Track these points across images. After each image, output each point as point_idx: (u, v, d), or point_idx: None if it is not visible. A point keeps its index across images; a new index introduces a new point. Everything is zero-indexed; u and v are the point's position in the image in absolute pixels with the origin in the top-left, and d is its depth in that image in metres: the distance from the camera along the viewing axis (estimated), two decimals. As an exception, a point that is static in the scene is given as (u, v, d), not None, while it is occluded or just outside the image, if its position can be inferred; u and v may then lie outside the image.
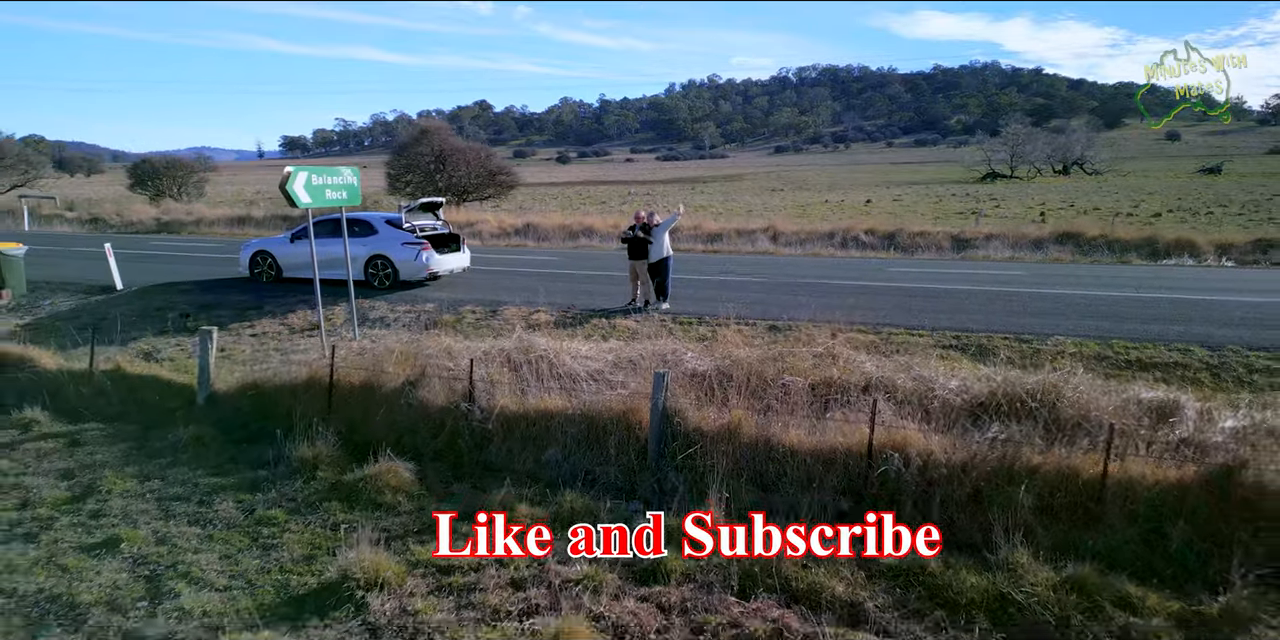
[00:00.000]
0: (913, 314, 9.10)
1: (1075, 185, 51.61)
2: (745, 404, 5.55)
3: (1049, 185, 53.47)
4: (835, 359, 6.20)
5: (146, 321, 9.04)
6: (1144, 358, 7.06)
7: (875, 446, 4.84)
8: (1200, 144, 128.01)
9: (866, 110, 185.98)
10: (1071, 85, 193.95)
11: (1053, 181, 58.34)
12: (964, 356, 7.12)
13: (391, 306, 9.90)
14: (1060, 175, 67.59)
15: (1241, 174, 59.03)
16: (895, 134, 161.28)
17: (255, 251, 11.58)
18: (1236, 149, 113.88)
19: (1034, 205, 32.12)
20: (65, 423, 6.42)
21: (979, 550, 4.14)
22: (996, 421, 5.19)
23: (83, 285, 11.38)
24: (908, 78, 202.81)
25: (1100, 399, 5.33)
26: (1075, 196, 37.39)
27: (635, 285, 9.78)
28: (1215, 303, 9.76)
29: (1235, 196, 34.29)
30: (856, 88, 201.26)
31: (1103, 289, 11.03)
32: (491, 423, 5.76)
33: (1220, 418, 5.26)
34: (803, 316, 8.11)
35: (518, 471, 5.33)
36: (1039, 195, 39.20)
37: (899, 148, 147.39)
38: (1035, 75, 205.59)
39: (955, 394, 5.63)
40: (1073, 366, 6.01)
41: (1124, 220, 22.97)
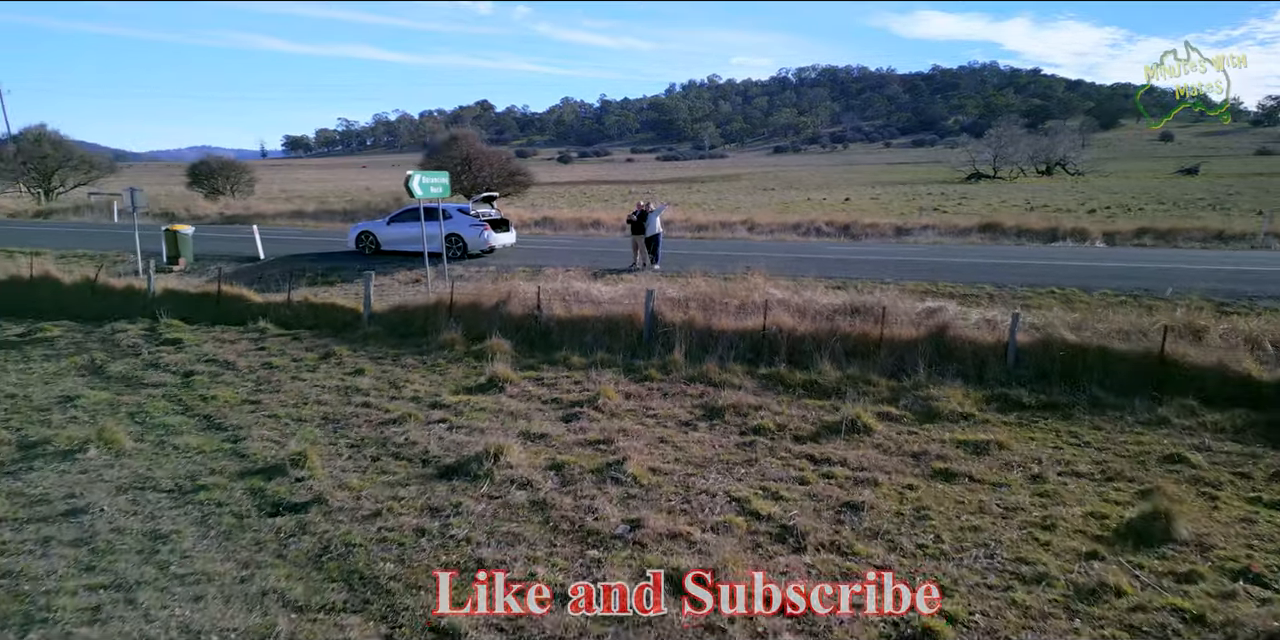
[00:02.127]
0: (825, 271, 13.31)
1: (1052, 185, 55.67)
2: (698, 311, 9.76)
3: (1027, 185, 57.48)
4: (755, 289, 10.40)
5: (295, 278, 13.20)
6: (955, 291, 11.27)
7: (767, 326, 9.04)
8: (1194, 145, 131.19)
9: (865, 111, 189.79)
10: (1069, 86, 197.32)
11: (1033, 181, 62.41)
12: (843, 290, 11.32)
13: (465, 268, 14.15)
14: (1044, 175, 71.65)
15: (1217, 174, 62.96)
16: (893, 134, 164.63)
17: (360, 231, 15.91)
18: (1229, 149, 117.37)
19: (995, 203, 36.29)
20: (284, 329, 10.61)
21: (808, 369, 8.31)
22: (843, 318, 9.39)
23: (234, 256, 15.59)
24: (906, 78, 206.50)
25: (900, 306, 9.54)
26: (1038, 195, 41.55)
27: (636, 253, 14.03)
28: (1035, 265, 13.99)
29: (1193, 195, 38.44)
30: (855, 88, 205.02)
31: (973, 258, 15.23)
32: (551, 323, 9.95)
33: (968, 315, 9.46)
34: (750, 271, 12.30)
35: (569, 346, 9.50)
36: (1009, 194, 43.37)
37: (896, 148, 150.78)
38: (1033, 76, 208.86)
39: (823, 305, 9.83)
40: (900, 293, 10.21)
41: (1059, 215, 27.07)
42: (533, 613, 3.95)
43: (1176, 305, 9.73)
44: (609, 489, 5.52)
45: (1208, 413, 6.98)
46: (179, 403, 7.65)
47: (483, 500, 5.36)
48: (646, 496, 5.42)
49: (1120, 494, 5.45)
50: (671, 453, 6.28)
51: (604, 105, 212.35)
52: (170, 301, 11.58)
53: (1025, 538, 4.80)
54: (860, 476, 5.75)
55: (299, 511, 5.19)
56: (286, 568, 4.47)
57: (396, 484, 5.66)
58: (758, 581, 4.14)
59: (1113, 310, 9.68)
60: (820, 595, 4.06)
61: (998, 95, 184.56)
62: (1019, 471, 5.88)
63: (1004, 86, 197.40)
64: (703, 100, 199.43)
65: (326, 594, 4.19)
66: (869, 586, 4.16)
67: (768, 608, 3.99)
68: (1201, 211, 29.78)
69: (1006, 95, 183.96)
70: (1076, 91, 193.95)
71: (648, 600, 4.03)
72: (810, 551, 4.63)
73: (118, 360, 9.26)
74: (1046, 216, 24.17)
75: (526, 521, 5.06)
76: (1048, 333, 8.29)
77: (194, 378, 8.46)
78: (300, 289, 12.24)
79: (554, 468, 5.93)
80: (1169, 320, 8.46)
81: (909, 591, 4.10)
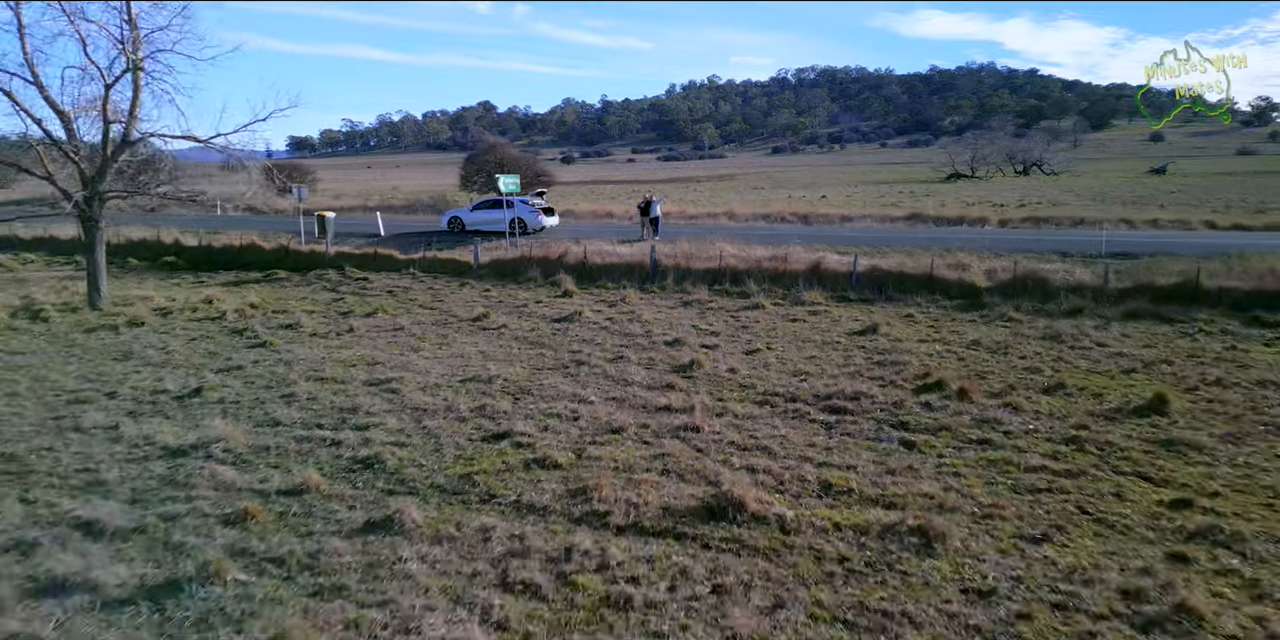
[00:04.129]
0: (768, 240, 20.17)
1: (1023, 184, 62.47)
2: (681, 259, 16.70)
3: (999, 184, 64.25)
4: (718, 248, 17.35)
5: (411, 247, 20.06)
6: (841, 249, 18.17)
7: (722, 267, 15.96)
8: (1184, 145, 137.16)
9: (863, 111, 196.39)
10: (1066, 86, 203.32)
11: (1008, 181, 69.19)
12: (772, 248, 18.19)
13: (526, 240, 21.08)
14: (1021, 175, 78.56)
15: (1183, 174, 69.75)
16: (889, 135, 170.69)
17: (451, 216, 22.89)
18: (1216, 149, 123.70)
19: (949, 200, 43.15)
20: (425, 273, 17.48)
21: (741, 286, 15.22)
22: (766, 262, 16.30)
23: (360, 234, 22.46)
24: (904, 79, 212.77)
25: (801, 255, 16.47)
26: (997, 193, 48.37)
27: (644, 229, 20.94)
28: (911, 237, 20.81)
29: (1141, 192, 45.25)
30: (854, 89, 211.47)
31: (878, 234, 22.05)
32: (592, 267, 16.88)
33: (840, 259, 16.37)
34: (718, 239, 19.17)
35: (604, 279, 16.38)
36: (970, 192, 50.24)
37: (892, 149, 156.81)
38: (1030, 76, 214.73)
39: (757, 256, 16.75)
40: (805, 250, 17.12)
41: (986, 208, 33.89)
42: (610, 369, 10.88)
43: (959, 253, 16.59)
44: (634, 326, 12.41)
45: (947, 300, 13.85)
46: (399, 300, 14.55)
47: (580, 328, 12.27)
48: (651, 326, 12.31)
49: (862, 324, 12.33)
50: (663, 316, 13.18)
51: (605, 106, 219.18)
52: (343, 259, 18.51)
53: (815, 334, 11.69)
54: (752, 320, 12.66)
55: (496, 329, 12.10)
56: (513, 357, 11.38)
57: (536, 326, 12.55)
58: (696, 345, 11.07)
59: (925, 256, 16.52)
60: (724, 344, 10.96)
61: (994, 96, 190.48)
62: (828, 320, 12.77)
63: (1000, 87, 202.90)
64: (703, 101, 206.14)
65: (565, 359, 11.11)
66: (747, 341, 11.06)
67: (705, 350, 10.89)
68: (1118, 206, 36.63)
69: (1002, 96, 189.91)
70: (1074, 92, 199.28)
71: (651, 346, 10.93)
72: (724, 337, 11.52)
73: (339, 288, 16.18)
74: (965, 208, 31.05)
75: (600, 332, 11.96)
76: (875, 265, 15.21)
77: (394, 294, 15.38)
78: (426, 251, 19.15)
79: (608, 319, 12.83)
80: (950, 261, 15.35)
81: (763, 346, 11.01)
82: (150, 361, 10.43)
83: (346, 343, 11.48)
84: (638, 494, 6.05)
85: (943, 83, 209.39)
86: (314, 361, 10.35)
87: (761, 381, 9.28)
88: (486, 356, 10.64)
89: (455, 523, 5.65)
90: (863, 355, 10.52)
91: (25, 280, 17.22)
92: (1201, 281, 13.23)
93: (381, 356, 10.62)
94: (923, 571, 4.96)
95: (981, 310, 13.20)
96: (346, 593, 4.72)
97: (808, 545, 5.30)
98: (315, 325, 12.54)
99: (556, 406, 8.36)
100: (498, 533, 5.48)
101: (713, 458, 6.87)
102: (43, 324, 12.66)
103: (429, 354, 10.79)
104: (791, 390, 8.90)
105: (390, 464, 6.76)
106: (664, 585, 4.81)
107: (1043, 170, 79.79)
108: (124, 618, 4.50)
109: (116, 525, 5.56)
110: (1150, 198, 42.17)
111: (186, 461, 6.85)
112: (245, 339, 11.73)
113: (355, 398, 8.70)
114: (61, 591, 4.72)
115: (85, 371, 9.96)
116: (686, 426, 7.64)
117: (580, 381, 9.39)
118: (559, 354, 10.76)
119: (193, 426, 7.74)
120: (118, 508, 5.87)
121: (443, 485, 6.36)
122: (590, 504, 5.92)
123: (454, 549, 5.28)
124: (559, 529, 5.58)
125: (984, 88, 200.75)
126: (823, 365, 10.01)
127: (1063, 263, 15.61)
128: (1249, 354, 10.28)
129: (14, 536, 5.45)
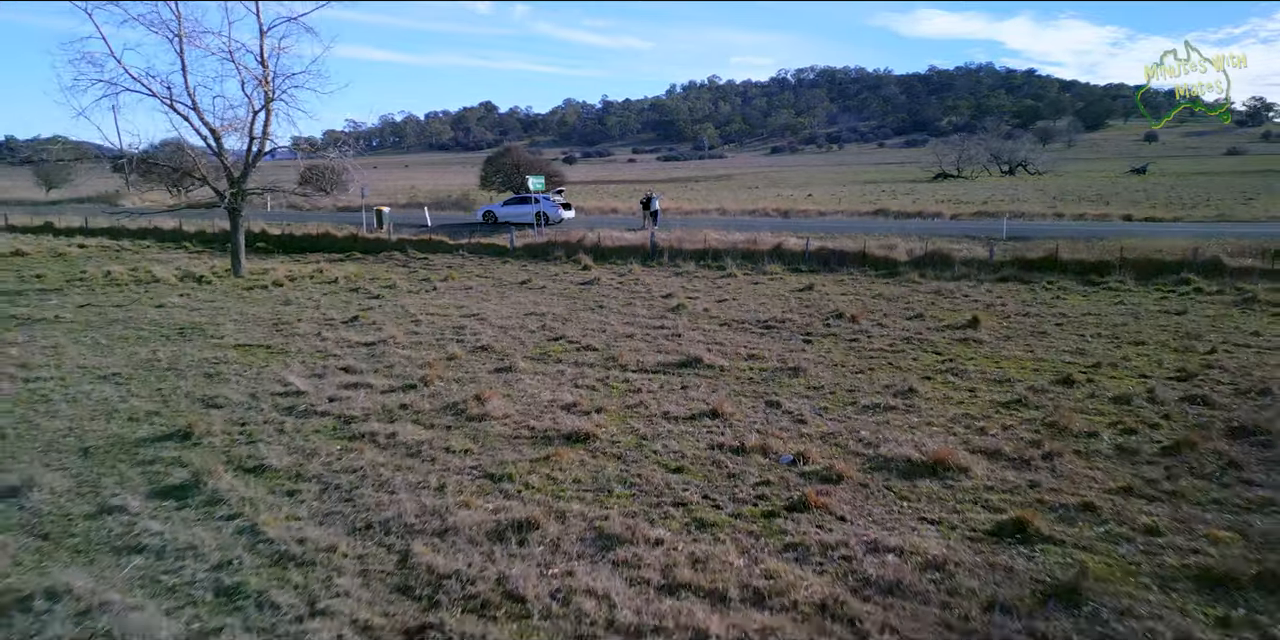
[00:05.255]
0: (745, 229, 25.09)
1: (1004, 183, 67.29)
2: (674, 242, 21.66)
3: (980, 183, 69.07)
4: (705, 234, 22.29)
5: (456, 234, 24.96)
6: (801, 235, 23.07)
7: (706, 248, 20.90)
8: (1178, 145, 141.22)
9: (862, 111, 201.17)
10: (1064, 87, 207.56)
11: (993, 180, 74.06)
12: (747, 234, 23.10)
13: (549, 230, 26.02)
14: (1007, 175, 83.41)
15: (1161, 175, 74.60)
16: (887, 135, 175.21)
17: (485, 210, 27.90)
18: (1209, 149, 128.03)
19: (922, 198, 48.08)
20: (472, 254, 22.42)
21: (721, 261, 20.15)
22: (741, 244, 21.23)
23: (412, 224, 27.40)
24: (903, 79, 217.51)
25: (768, 239, 21.42)
26: (975, 192, 53.23)
27: (645, 221, 25.87)
28: (865, 226, 25.72)
29: (1106, 191, 50.09)
30: (853, 89, 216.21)
31: (840, 225, 26.96)
32: (605, 249, 21.81)
33: (799, 243, 21.31)
34: (706, 228, 24.08)
35: (614, 258, 21.31)
36: (949, 191, 55.11)
37: (889, 149, 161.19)
38: (1028, 77, 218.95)
39: (734, 239, 21.70)
40: (773, 234, 22.06)
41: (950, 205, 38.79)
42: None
43: (893, 237, 21.48)
44: (638, 287, 17.34)
45: (873, 270, 18.76)
46: (460, 271, 19.49)
47: (599, 288, 17.21)
48: (651, 288, 17.24)
49: (804, 284, 17.23)
50: (660, 281, 18.11)
51: (606, 106, 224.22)
52: (404, 244, 23.45)
53: (768, 291, 16.62)
54: (725, 283, 17.59)
55: (538, 288, 17.05)
56: (553, 304, 16.35)
57: (567, 287, 17.49)
58: (683, 297, 16.02)
59: (867, 239, 21.38)
60: (702, 297, 15.91)
61: (991, 96, 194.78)
62: (780, 283, 17.69)
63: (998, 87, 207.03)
64: (703, 101, 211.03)
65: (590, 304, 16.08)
66: (719, 296, 16.00)
67: (689, 299, 15.85)
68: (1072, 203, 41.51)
69: (999, 96, 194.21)
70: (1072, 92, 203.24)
71: (650, 298, 15.88)
72: (703, 293, 16.44)
73: (409, 264, 21.11)
74: (937, 205, 35.99)
75: (614, 291, 16.90)
76: (823, 246, 20.15)
77: (453, 268, 20.31)
78: (469, 238, 24.08)
79: (619, 283, 17.76)
80: (883, 243, 20.27)
81: (730, 298, 15.95)
82: (307, 306, 15.35)
83: (434, 297, 16.40)
84: (643, 357, 10.99)
85: (941, 83, 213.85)
86: (419, 306, 15.26)
87: (723, 315, 14.20)
88: (537, 303, 15.55)
89: (543, 370, 10.58)
90: (798, 302, 15.44)
91: (158, 259, 22.17)
92: (1060, 256, 18.16)
93: (463, 304, 15.54)
94: (791, 382, 9.87)
95: (896, 276, 18.13)
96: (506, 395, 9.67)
97: (734, 375, 10.23)
98: (407, 286, 17.47)
99: (590, 326, 13.28)
100: (567, 373, 10.39)
101: (686, 344, 11.80)
102: (207, 285, 17.59)
103: (495, 303, 15.70)
104: (742, 319, 13.82)
105: (497, 348, 11.69)
106: (657, 387, 9.72)
107: (1028, 170, 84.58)
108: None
109: (364, 368, 10.49)
110: (1111, 196, 46.99)
111: (376, 347, 11.78)
112: (362, 294, 16.67)
113: (459, 322, 13.64)
114: (400, 410, 9.64)
115: (272, 310, 14.87)
116: (672, 334, 12.57)
117: (604, 315, 14.30)
118: (587, 302, 15.68)
119: (370, 333, 12.69)
120: (365, 365, 10.79)
121: (531, 356, 11.29)
122: (618, 361, 10.84)
123: (545, 376, 10.21)
124: (600, 370, 10.50)
125: (982, 88, 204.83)
126: (768, 308, 14.92)
127: (969, 244, 20.53)
128: (1065, 301, 15.18)
129: (290, 385, 10.37)
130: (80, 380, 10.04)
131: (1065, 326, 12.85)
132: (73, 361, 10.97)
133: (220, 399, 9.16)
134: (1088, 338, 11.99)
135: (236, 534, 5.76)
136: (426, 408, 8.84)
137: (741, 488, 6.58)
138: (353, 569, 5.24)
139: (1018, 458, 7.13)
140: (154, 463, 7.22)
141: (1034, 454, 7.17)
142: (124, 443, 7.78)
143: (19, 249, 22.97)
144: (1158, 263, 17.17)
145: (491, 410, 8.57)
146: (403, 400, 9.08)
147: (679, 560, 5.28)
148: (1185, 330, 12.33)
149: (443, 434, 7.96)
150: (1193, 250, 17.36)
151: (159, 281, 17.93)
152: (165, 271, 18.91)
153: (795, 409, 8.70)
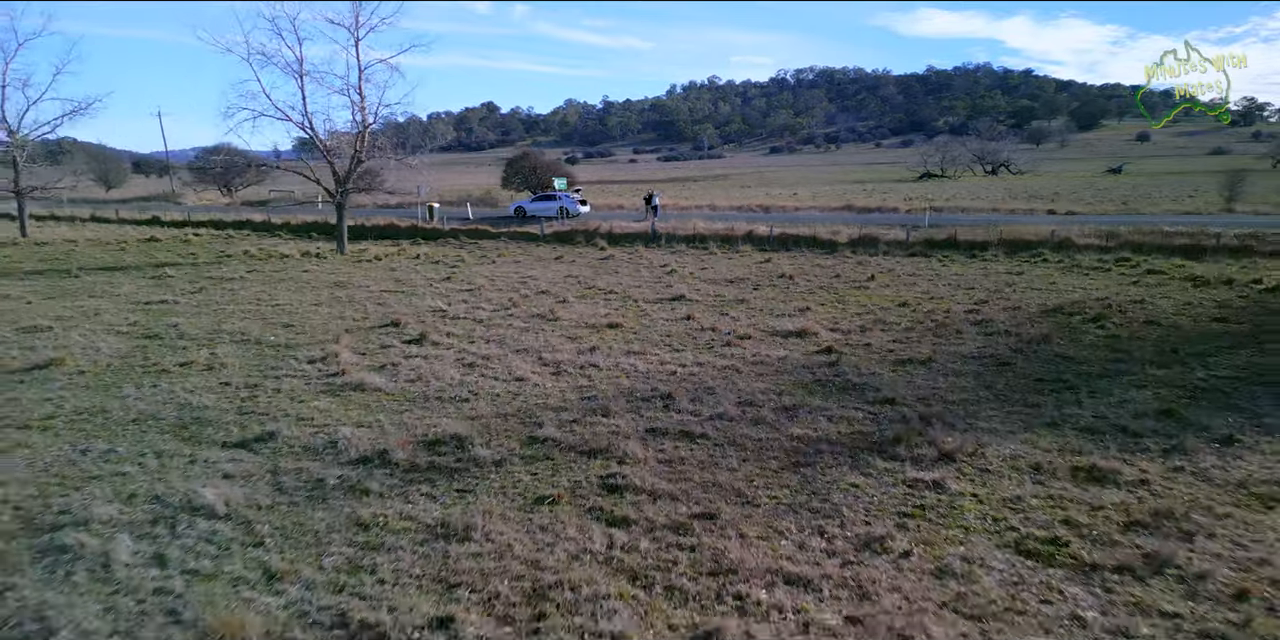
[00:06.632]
0: (729, 221, 31.77)
1: (984, 182, 73.86)
2: (670, 230, 28.40)
3: (961, 183, 75.62)
4: (694, 223, 29.02)
5: (494, 225, 31.60)
6: (772, 224, 29.75)
7: (694, 234, 27.63)
8: (1169, 145, 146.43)
9: (860, 111, 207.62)
10: (1061, 87, 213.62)
11: (974, 180, 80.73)
12: (727, 223, 29.76)
13: (570, 222, 32.70)
14: (990, 175, 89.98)
15: (1137, 174, 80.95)
16: (884, 135, 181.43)
17: (516, 205, 34.74)
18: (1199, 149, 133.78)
19: (890, 197, 54.74)
20: (511, 240, 29.13)
21: (706, 244, 26.86)
22: (723, 230, 27.96)
23: (455, 216, 34.07)
24: (901, 79, 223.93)
25: (743, 226, 28.15)
26: (942, 191, 59.98)
27: (647, 214, 32.60)
28: (829, 218, 32.41)
29: (1067, 190, 56.69)
30: (852, 89, 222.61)
31: (809, 217, 33.62)
32: (615, 235, 28.54)
33: (772, 231, 28.02)
34: (695, 220, 30.74)
35: (623, 242, 28.02)
36: (923, 190, 61.83)
37: (886, 149, 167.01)
38: (1025, 77, 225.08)
39: (718, 228, 28.43)
40: (748, 223, 28.77)
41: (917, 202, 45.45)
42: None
43: (839, 226, 28.14)
44: (643, 262, 24.04)
45: (819, 249, 25.46)
46: (507, 252, 26.18)
47: (614, 262, 23.94)
48: (653, 262, 23.95)
49: (765, 259, 23.92)
50: (659, 258, 24.81)
51: (606, 106, 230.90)
52: (456, 232, 30.15)
53: (738, 264, 23.32)
54: (708, 259, 24.30)
55: (569, 262, 23.79)
56: (582, 270, 23.09)
57: (590, 262, 24.20)
58: (675, 266, 22.77)
59: (818, 227, 27.99)
60: (690, 266, 22.64)
61: (987, 96, 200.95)
62: (749, 258, 24.39)
63: (996, 87, 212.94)
64: (703, 102, 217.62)
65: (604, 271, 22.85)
66: (702, 266, 22.74)
67: (679, 266, 22.58)
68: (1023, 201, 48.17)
69: (995, 96, 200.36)
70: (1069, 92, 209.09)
71: (652, 268, 22.61)
72: (690, 265, 23.14)
73: (465, 247, 27.82)
74: (903, 202, 42.72)
75: (625, 264, 23.61)
76: (784, 232, 26.87)
77: (500, 249, 27.00)
78: (507, 227, 30.77)
79: (629, 259, 24.47)
80: (830, 230, 26.97)
81: (709, 267, 22.68)
82: (410, 271, 22.03)
83: (496, 267, 23.04)
84: (647, 294, 17.72)
85: (939, 83, 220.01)
86: (488, 272, 21.92)
87: (703, 276, 20.87)
88: (570, 271, 22.22)
89: (587, 301, 17.25)
90: (758, 270, 22.11)
91: (268, 243, 28.84)
92: (958, 237, 24.84)
93: (518, 271, 22.20)
94: (738, 307, 16.54)
95: (835, 253, 24.82)
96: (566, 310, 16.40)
97: (704, 304, 16.92)
98: (472, 261, 24.15)
99: (612, 284, 19.95)
100: (600, 303, 17.06)
101: (675, 289, 18.48)
102: (323, 260, 24.26)
103: (540, 271, 22.34)
104: (715, 279, 20.49)
105: (553, 292, 18.38)
106: (656, 308, 16.41)
107: (1010, 170, 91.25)
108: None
109: (475, 300, 17.21)
110: (1067, 194, 53.54)
111: (474, 292, 18.46)
112: (442, 266, 23.33)
113: (521, 280, 20.33)
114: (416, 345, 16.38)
115: (386, 274, 21.52)
116: (666, 285, 19.26)
117: (619, 278, 20.97)
118: (607, 269, 22.34)
119: (465, 284, 19.39)
120: (474, 298, 17.50)
121: (580, 295, 17.97)
122: (631, 297, 17.55)
123: (588, 303, 16.90)
124: (620, 301, 17.19)
125: (979, 88, 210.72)
126: (734, 271, 21.58)
127: (898, 230, 27.24)
128: (949, 268, 21.82)
129: (389, 316, 17.10)
130: (302, 305, 16.73)
131: (934, 281, 19.54)
132: (284, 298, 17.66)
133: (396, 314, 15.83)
134: (939, 286, 18.70)
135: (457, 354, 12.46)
136: (523, 314, 15.56)
137: (699, 341, 13.29)
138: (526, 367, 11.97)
139: (847, 331, 13.83)
140: (389, 334, 13.92)
141: (856, 329, 13.88)
142: (361, 328, 14.47)
143: (154, 236, 29.70)
144: (1025, 242, 23.89)
145: (562, 317, 15.28)
146: (507, 312, 15.79)
147: (667, 359, 11.98)
148: (1006, 282, 19.03)
149: (538, 323, 14.68)
150: (1051, 232, 24.05)
151: (286, 257, 24.64)
152: (289, 249, 25.62)
153: (737, 316, 15.40)
